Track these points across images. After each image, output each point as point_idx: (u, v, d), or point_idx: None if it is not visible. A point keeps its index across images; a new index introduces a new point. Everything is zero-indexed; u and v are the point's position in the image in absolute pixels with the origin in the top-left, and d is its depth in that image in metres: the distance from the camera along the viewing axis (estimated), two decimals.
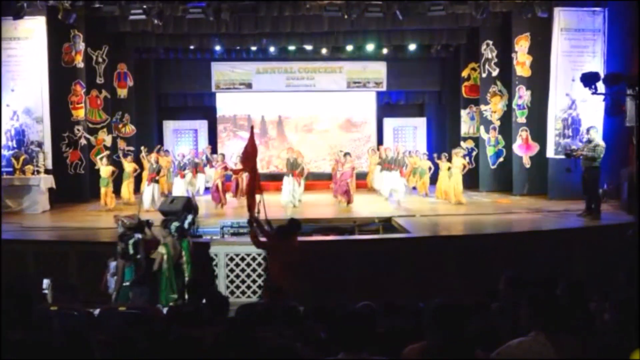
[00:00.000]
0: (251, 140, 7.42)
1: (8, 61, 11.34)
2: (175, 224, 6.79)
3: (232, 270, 7.65)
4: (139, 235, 6.73)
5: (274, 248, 6.34)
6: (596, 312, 3.73)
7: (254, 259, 7.59)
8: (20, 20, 10.98)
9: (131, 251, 6.47)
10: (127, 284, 6.46)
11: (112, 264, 6.60)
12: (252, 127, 8.41)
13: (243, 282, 7.57)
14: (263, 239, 6.48)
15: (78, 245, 7.85)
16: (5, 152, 11.28)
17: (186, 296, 6.55)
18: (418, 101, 16.66)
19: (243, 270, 7.59)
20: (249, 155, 7.35)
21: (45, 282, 6.38)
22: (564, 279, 4.16)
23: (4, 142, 11.35)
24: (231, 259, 7.65)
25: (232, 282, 7.63)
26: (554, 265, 7.41)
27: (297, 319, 4.32)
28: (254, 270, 7.57)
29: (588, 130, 9.44)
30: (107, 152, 12.29)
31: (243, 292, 7.58)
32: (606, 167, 9.76)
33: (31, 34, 11.31)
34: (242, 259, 7.59)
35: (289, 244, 6.30)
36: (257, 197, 7.16)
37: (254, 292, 7.51)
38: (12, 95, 11.37)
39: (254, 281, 7.57)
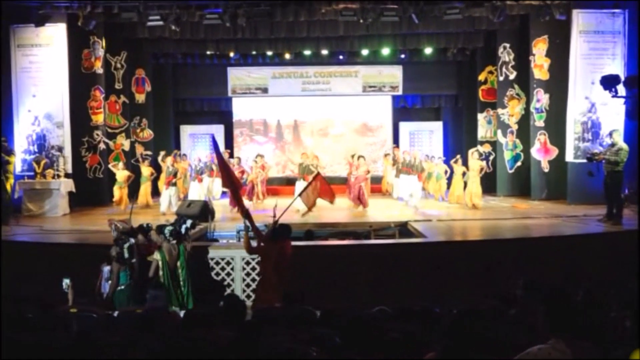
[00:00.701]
0: (219, 157, 7.52)
1: (29, 67, 11.58)
2: (168, 229, 6.71)
3: (248, 274, 7.68)
4: (133, 240, 6.74)
5: (266, 252, 6.35)
6: (617, 319, 3.66)
7: None
8: (42, 27, 11.20)
9: (126, 255, 6.43)
10: (122, 287, 6.41)
11: (106, 269, 6.55)
12: (214, 142, 8.45)
13: None
14: (254, 244, 6.50)
15: (95, 247, 7.95)
16: (26, 157, 11.51)
17: (185, 301, 6.59)
18: (434, 105, 16.57)
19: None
20: (225, 171, 7.35)
21: (65, 282, 6.45)
22: (584, 285, 4.10)
23: (25, 146, 11.57)
24: (247, 263, 7.68)
25: (248, 285, 7.66)
26: (573, 271, 7.28)
27: (312, 323, 4.31)
28: None
29: (611, 134, 9.23)
30: (114, 163, 12.37)
31: None
32: (627, 171, 9.58)
33: (52, 40, 11.53)
34: (259, 263, 7.61)
35: (281, 248, 6.32)
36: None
37: None
38: (34, 101, 11.60)
39: None
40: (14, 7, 11.11)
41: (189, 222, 7.21)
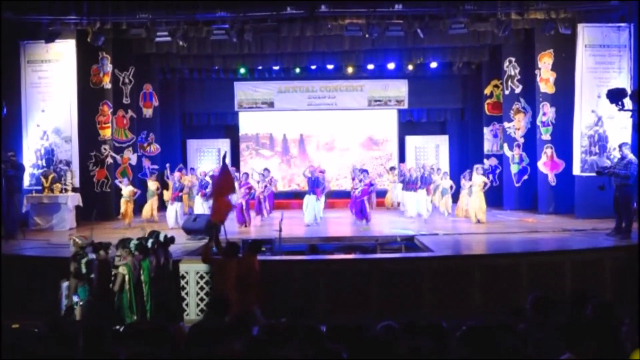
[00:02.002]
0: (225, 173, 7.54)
1: (39, 83, 11.72)
2: (134, 243, 6.68)
3: (202, 288, 7.58)
4: (92, 255, 6.69)
5: (222, 267, 6.32)
6: (627, 335, 3.61)
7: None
8: (52, 43, 11.36)
9: (84, 270, 6.38)
10: (81, 303, 6.37)
11: (65, 284, 6.52)
12: (224, 158, 8.54)
13: None
14: (212, 257, 6.48)
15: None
16: (34, 171, 11.59)
17: (148, 315, 6.51)
18: (440, 119, 16.58)
19: None
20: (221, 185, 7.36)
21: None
22: (593, 300, 4.05)
23: (33, 161, 11.66)
24: (201, 277, 7.58)
25: (202, 300, 7.53)
26: (582, 285, 7.21)
27: (318, 339, 4.27)
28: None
29: (620, 147, 9.18)
30: (120, 179, 12.37)
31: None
32: (635, 184, 9.51)
33: (61, 56, 11.68)
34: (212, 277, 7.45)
35: (243, 264, 6.30)
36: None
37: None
38: (43, 116, 11.72)
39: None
40: (24, 24, 11.29)
41: (160, 236, 7.16)
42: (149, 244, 6.90)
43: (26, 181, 11.41)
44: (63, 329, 4.11)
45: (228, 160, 13.99)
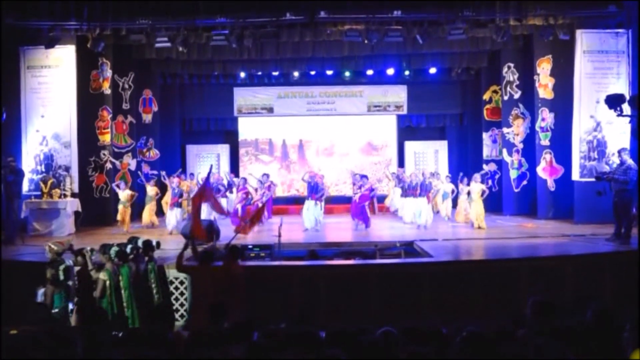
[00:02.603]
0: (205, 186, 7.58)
1: (38, 88, 11.73)
2: (114, 249, 6.64)
3: (182, 294, 7.60)
4: (70, 261, 6.66)
5: (198, 273, 6.31)
6: (628, 340, 3.60)
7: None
8: (51, 49, 11.39)
9: (62, 277, 6.33)
10: (56, 310, 6.31)
11: (40, 292, 6.47)
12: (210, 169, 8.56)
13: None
14: (188, 263, 6.47)
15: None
16: (34, 177, 11.58)
17: (129, 322, 6.47)
18: (439, 124, 16.62)
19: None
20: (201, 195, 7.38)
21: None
22: (593, 305, 4.04)
23: (33, 166, 11.66)
24: (181, 282, 7.63)
25: (182, 305, 7.50)
26: (582, 291, 7.21)
27: (318, 344, 4.26)
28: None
29: (619, 153, 9.20)
30: (117, 182, 12.36)
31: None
32: (634, 190, 9.52)
33: (61, 62, 11.70)
34: (192, 283, 7.42)
35: (221, 268, 6.30)
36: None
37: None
38: (42, 121, 11.72)
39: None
40: (24, 30, 11.32)
41: (139, 242, 7.15)
42: (128, 249, 6.88)
43: (25, 186, 11.39)
44: (62, 334, 4.10)
45: (215, 170, 14.06)
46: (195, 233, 7.29)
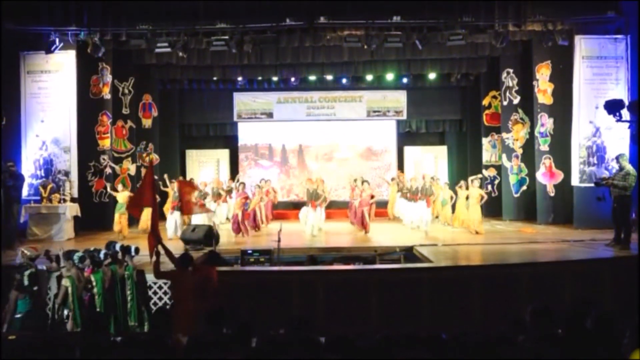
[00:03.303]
0: (148, 178, 7.50)
1: (38, 93, 11.75)
2: (78, 255, 6.62)
3: (160, 299, 7.58)
4: (42, 267, 6.64)
5: (177, 278, 6.32)
6: (628, 346, 3.59)
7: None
8: (52, 54, 11.41)
9: (26, 282, 6.29)
10: (19, 315, 6.28)
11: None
12: (150, 164, 8.44)
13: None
14: (164, 270, 6.46)
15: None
16: (33, 181, 11.57)
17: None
18: (438, 130, 16.64)
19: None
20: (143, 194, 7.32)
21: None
22: (594, 311, 4.03)
23: (32, 171, 11.65)
24: (160, 287, 7.59)
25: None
26: (582, 296, 7.19)
27: (317, 350, 4.25)
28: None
29: (618, 158, 9.21)
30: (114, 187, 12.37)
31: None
32: (634, 195, 9.53)
33: (61, 67, 11.72)
34: (170, 289, 7.39)
35: (198, 273, 6.29)
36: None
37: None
38: (42, 126, 11.73)
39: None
40: (24, 35, 11.34)
41: (117, 246, 7.12)
42: (102, 255, 6.85)
43: (25, 191, 11.38)
44: (60, 339, 4.09)
45: (216, 174, 13.93)
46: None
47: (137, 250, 7.41)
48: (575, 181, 11.54)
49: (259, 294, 7.54)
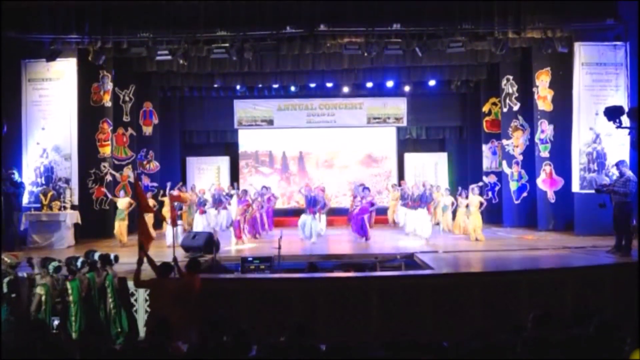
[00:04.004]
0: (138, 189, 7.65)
1: (39, 101, 11.78)
2: (53, 264, 6.59)
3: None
4: (23, 274, 6.63)
5: (158, 287, 6.29)
6: (629, 353, 3.58)
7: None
8: (53, 62, 11.45)
9: (5, 290, 6.25)
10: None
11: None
12: (135, 178, 8.54)
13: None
14: (144, 279, 6.45)
15: None
16: (34, 189, 11.58)
17: (75, 336, 6.38)
18: (439, 136, 16.67)
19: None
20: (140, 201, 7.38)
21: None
22: (595, 318, 4.02)
23: (33, 178, 11.66)
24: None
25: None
26: (583, 303, 7.16)
27: (318, 358, 4.23)
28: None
29: (617, 166, 9.21)
30: (121, 185, 12.41)
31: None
32: (634, 202, 9.51)
33: (62, 75, 11.76)
34: (150, 297, 7.30)
35: (180, 281, 6.28)
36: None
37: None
38: (43, 134, 11.75)
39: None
40: (26, 43, 11.39)
41: (96, 255, 7.10)
42: (79, 263, 6.84)
43: (25, 199, 11.39)
44: (60, 346, 4.08)
45: (216, 181, 13.95)
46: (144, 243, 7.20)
47: (116, 258, 7.40)
48: (575, 188, 11.53)
49: (259, 302, 7.51)
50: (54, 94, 11.78)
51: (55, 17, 11.24)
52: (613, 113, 8.69)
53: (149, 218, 12.15)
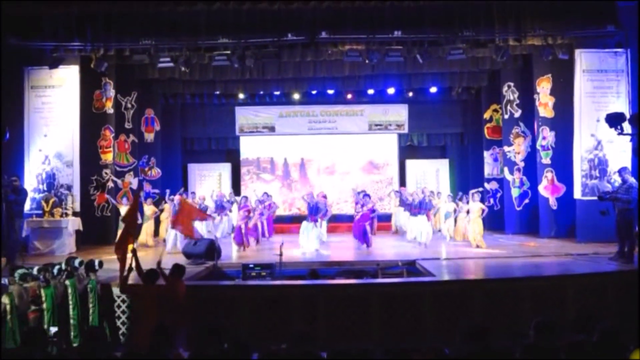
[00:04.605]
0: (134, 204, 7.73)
1: (42, 108, 11.83)
2: (19, 272, 6.58)
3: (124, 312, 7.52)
4: (5, 281, 6.59)
5: (142, 293, 6.29)
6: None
7: None
8: (55, 69, 11.51)
9: None
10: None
11: None
12: (137, 194, 8.59)
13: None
14: (131, 284, 6.45)
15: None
16: (35, 195, 11.60)
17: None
18: (440, 143, 16.68)
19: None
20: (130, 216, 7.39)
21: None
22: (599, 325, 4.00)
23: (35, 185, 11.68)
24: (123, 301, 7.54)
25: (123, 323, 7.48)
26: (585, 310, 7.13)
27: None
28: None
29: (620, 173, 9.20)
30: (117, 200, 12.41)
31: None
32: (637, 209, 9.48)
33: (65, 82, 11.81)
34: (132, 303, 7.30)
35: (165, 287, 6.27)
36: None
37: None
38: (45, 141, 11.79)
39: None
40: (28, 50, 11.45)
41: (76, 262, 7.08)
42: (55, 270, 6.82)
43: (27, 205, 11.40)
44: (61, 355, 4.07)
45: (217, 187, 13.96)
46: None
47: (100, 264, 7.39)
48: (577, 194, 11.51)
49: (260, 308, 7.50)
50: (56, 101, 11.83)
51: (57, 25, 11.30)
52: (614, 120, 8.69)
53: (149, 225, 12.23)
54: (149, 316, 5.91)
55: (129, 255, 6.57)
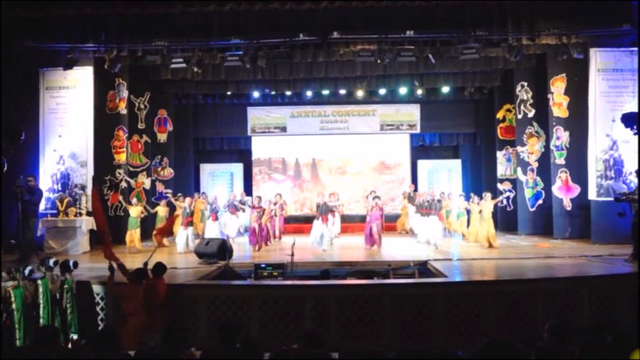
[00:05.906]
0: (94, 197, 7.69)
1: (57, 109, 11.97)
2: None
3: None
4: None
5: (131, 292, 6.30)
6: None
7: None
8: (70, 70, 11.64)
9: None
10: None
11: None
12: (94, 186, 8.56)
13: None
14: (117, 283, 6.50)
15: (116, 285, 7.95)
16: (50, 195, 11.73)
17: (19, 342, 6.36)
18: (452, 143, 16.59)
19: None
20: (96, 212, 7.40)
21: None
22: (613, 328, 3.95)
23: (49, 185, 11.82)
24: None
25: None
26: (600, 313, 7.04)
27: None
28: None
29: (638, 173, 9.08)
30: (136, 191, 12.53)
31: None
32: None
33: (79, 83, 11.94)
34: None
35: (149, 287, 6.28)
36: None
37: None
38: (60, 141, 11.93)
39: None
40: (43, 52, 11.59)
41: (51, 262, 7.10)
42: (26, 271, 6.85)
43: (42, 205, 11.53)
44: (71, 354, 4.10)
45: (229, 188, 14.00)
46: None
47: (75, 264, 7.44)
48: (592, 195, 11.37)
49: (272, 308, 7.50)
50: (70, 102, 11.96)
51: (72, 27, 11.43)
52: (630, 119, 8.59)
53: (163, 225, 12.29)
54: (137, 314, 6.00)
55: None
